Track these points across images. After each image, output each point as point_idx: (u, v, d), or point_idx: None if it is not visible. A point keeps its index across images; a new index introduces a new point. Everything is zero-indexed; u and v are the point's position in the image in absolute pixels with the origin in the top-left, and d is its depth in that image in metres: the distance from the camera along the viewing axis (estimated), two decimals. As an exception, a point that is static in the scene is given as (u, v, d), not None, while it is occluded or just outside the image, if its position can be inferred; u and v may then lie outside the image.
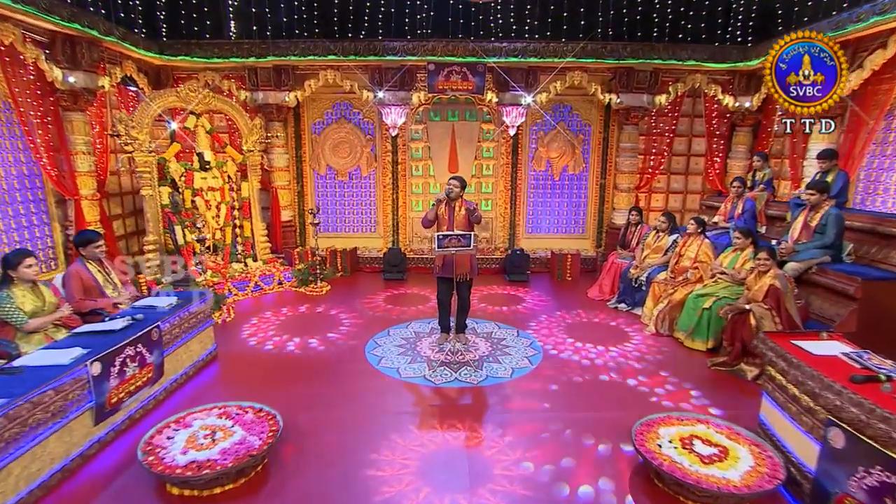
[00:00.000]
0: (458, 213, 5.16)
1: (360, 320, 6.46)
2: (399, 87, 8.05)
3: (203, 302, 5.17)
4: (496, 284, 8.13)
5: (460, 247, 4.98)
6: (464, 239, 4.97)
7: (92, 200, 6.69)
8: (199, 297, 5.13)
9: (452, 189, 5.11)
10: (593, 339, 5.91)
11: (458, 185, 5.17)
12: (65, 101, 6.29)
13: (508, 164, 8.84)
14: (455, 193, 5.14)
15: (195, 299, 5.04)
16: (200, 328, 5.11)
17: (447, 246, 4.98)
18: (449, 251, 5.00)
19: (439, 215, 5.12)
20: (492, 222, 9.17)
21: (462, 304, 5.43)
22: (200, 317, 5.11)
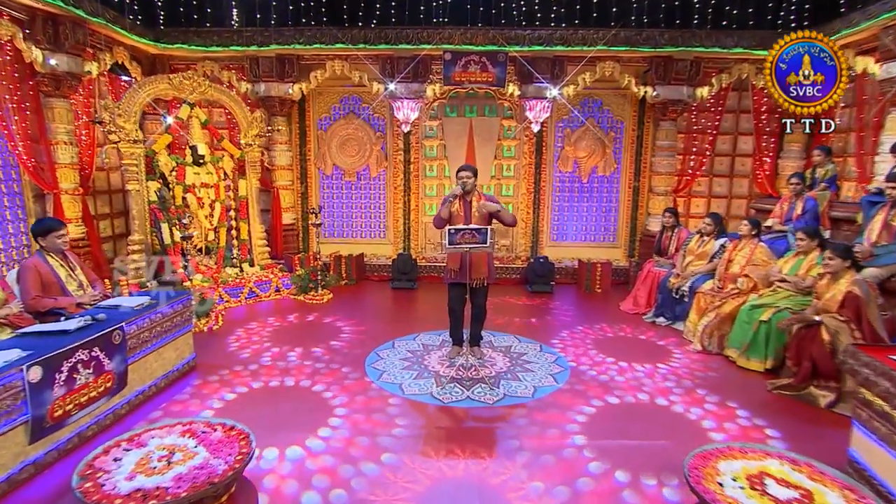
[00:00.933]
0: (476, 209, 4.67)
1: (362, 331, 6.00)
2: (412, 78, 7.69)
3: (181, 303, 4.72)
4: (516, 295, 7.63)
5: (475, 243, 4.45)
6: (479, 234, 4.44)
7: (73, 195, 6.38)
8: (176, 298, 4.67)
9: (466, 182, 4.63)
10: (628, 356, 5.30)
11: (471, 176, 4.70)
12: (45, 86, 6.01)
13: (531, 164, 8.41)
14: (470, 185, 4.66)
15: (170, 300, 4.58)
16: (177, 333, 4.65)
17: (460, 242, 4.45)
18: (462, 248, 4.48)
19: (453, 213, 4.66)
20: (513, 228, 8.63)
21: (477, 312, 4.95)
22: (177, 320, 4.66)
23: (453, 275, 4.76)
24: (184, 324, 4.78)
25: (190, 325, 4.88)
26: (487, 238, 4.45)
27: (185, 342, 4.80)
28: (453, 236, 4.46)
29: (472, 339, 5.05)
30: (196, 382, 4.61)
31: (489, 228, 4.45)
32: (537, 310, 6.93)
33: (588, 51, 7.39)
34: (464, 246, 4.47)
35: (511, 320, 6.43)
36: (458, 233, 4.45)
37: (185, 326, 4.81)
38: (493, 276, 4.91)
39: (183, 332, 4.76)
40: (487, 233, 4.45)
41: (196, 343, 5.20)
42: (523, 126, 8.20)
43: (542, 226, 8.61)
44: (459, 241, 4.46)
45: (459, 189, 4.62)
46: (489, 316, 5.20)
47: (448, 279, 4.84)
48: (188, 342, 4.85)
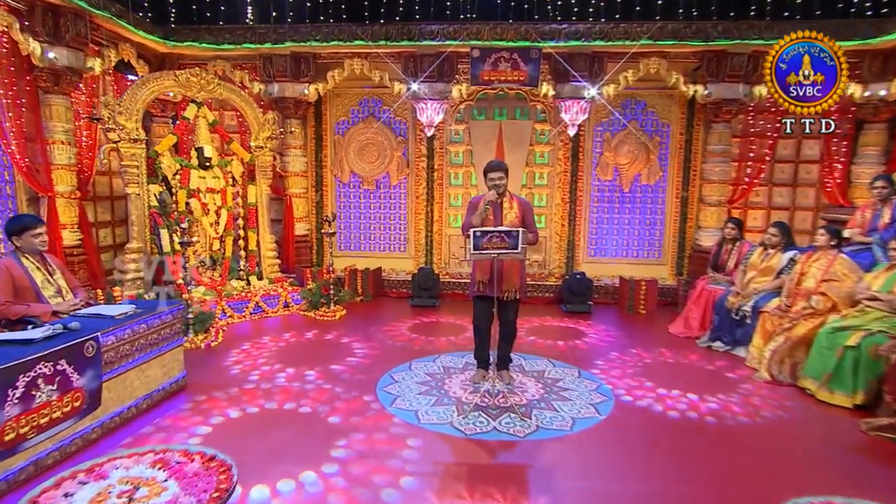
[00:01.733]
0: (509, 213, 4.30)
1: (376, 350, 5.61)
2: (437, 78, 7.42)
3: (170, 314, 4.37)
4: (550, 315, 7.16)
5: (505, 249, 4.00)
6: (510, 237, 3.99)
7: (69, 199, 6.18)
8: (166, 308, 4.31)
9: (499, 184, 4.27)
10: (683, 385, 4.74)
11: (503, 177, 4.33)
12: (44, 82, 5.85)
13: (567, 171, 8.04)
14: (503, 188, 4.32)
15: (158, 309, 4.23)
16: (164, 348, 4.30)
17: (487, 247, 4.01)
18: (489, 255, 4.02)
19: (484, 219, 4.26)
20: (546, 242, 8.26)
21: (506, 330, 4.53)
22: (165, 333, 4.30)
23: (481, 287, 4.38)
24: (173, 337, 4.42)
25: (181, 339, 4.53)
26: (519, 242, 4.00)
27: (175, 358, 4.44)
28: (479, 240, 4.03)
29: (499, 362, 4.63)
30: (185, 404, 4.25)
31: (521, 231, 3.99)
32: (574, 332, 6.47)
33: (631, 46, 6.99)
34: (491, 252, 4.03)
35: (544, 342, 5.98)
36: (486, 236, 4.02)
37: (175, 340, 4.46)
38: (525, 288, 4.54)
39: (172, 347, 4.40)
40: (519, 236, 3.99)
41: (190, 360, 4.98)
42: (558, 130, 7.88)
43: (578, 239, 8.19)
44: (486, 247, 4.03)
45: (494, 195, 4.24)
46: (519, 336, 4.76)
47: (474, 292, 4.47)
48: (178, 358, 4.49)
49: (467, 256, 4.09)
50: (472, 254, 4.07)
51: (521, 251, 4.03)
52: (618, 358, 5.48)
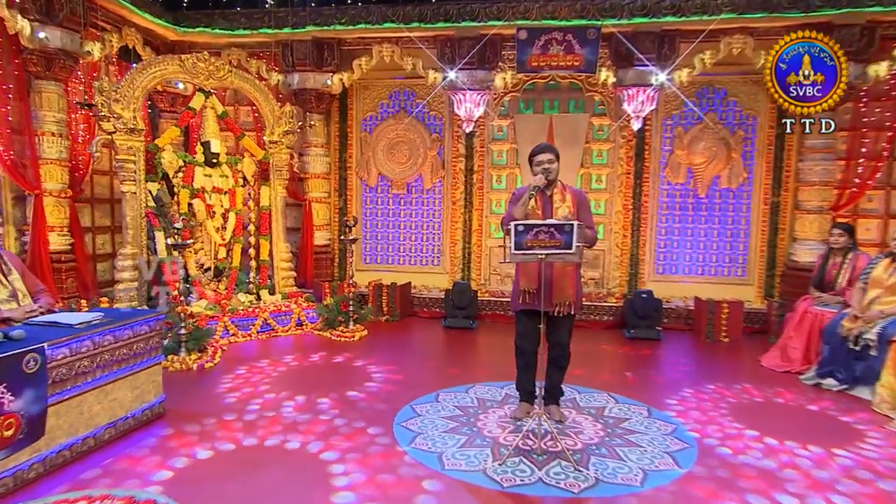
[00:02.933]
0: (561, 207, 3.79)
1: (397, 377, 5.07)
2: (477, 65, 7.05)
3: (147, 325, 3.91)
4: (610, 341, 6.51)
5: (556, 249, 3.39)
6: (562, 233, 3.37)
7: (59, 198, 5.96)
8: (141, 318, 3.85)
9: (549, 170, 3.78)
10: (789, 433, 3.97)
11: (553, 160, 3.83)
12: (34, 66, 5.67)
13: (630, 173, 7.49)
14: (554, 174, 3.82)
15: (131, 319, 3.77)
16: (137, 366, 3.83)
17: (532, 245, 3.40)
18: (535, 256, 3.41)
19: (528, 212, 3.74)
20: (604, 256, 7.65)
21: (557, 355, 3.98)
22: (139, 348, 3.84)
23: (526, 298, 3.85)
24: (149, 353, 3.95)
25: (159, 356, 4.05)
26: (573, 240, 3.36)
27: (150, 379, 3.96)
28: (522, 236, 3.43)
29: (548, 395, 4.04)
30: (162, 433, 3.79)
31: (575, 225, 3.35)
32: (640, 361, 5.79)
33: (709, 21, 6.40)
34: (538, 252, 3.40)
35: (604, 373, 5.33)
36: (531, 231, 3.41)
37: (152, 357, 3.99)
38: (581, 302, 3.97)
39: (147, 365, 3.92)
40: (573, 232, 3.35)
41: (176, 383, 4.66)
42: (620, 124, 7.34)
43: (643, 253, 7.57)
44: (532, 245, 3.42)
45: (542, 179, 3.72)
46: (573, 363, 4.15)
47: (517, 305, 3.93)
48: (155, 379, 4.01)
49: (506, 257, 3.49)
50: (512, 254, 3.48)
51: (577, 252, 3.39)
52: (699, 394, 4.75)
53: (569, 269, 3.77)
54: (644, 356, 5.92)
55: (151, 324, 3.97)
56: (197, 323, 5.36)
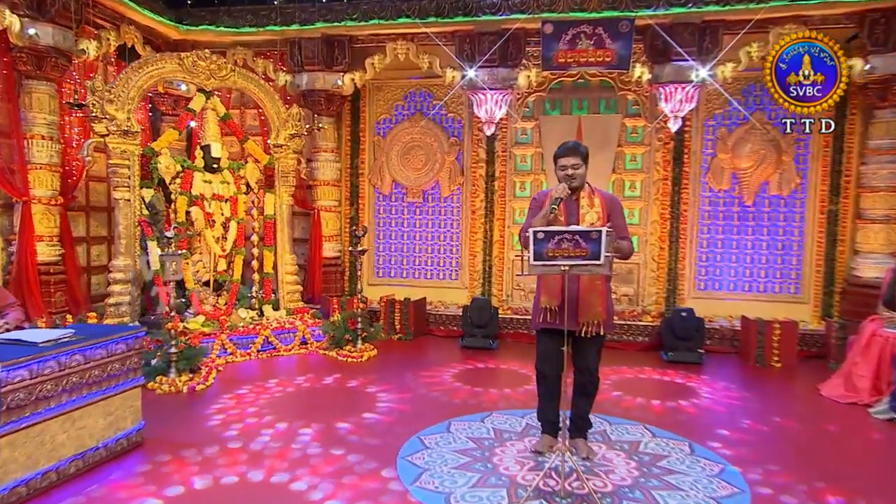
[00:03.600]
0: (589, 214, 3.52)
1: (405, 404, 4.80)
2: (499, 62, 6.87)
3: (124, 343, 3.69)
4: (645, 365, 6.17)
5: (581, 259, 3.08)
6: (588, 241, 3.05)
7: (49, 205, 5.84)
8: (116, 336, 3.63)
9: (574, 176, 3.49)
10: (861, 480, 3.50)
11: (579, 164, 3.52)
12: (24, 64, 5.58)
13: (667, 178, 7.21)
14: (580, 180, 3.52)
15: (105, 336, 3.54)
16: (111, 389, 3.60)
17: (555, 255, 3.09)
18: (557, 267, 3.10)
19: (551, 221, 3.43)
20: (639, 271, 7.33)
21: (584, 381, 3.70)
22: (114, 369, 3.62)
23: (547, 316, 3.58)
24: (126, 375, 3.71)
25: (138, 377, 3.82)
26: (602, 249, 3.04)
27: (127, 404, 3.72)
28: (542, 245, 3.12)
29: (573, 426, 3.75)
30: (136, 467, 3.53)
31: (604, 231, 3.04)
32: (680, 388, 5.42)
33: (756, 10, 6.11)
34: (561, 263, 3.09)
35: (638, 401, 4.96)
36: (552, 239, 3.10)
37: (130, 380, 3.75)
38: (611, 320, 3.67)
39: (124, 388, 3.69)
40: (602, 240, 3.03)
41: (162, 407, 4.49)
42: (656, 125, 7.06)
43: (682, 268, 7.24)
44: (554, 254, 3.10)
45: (565, 190, 3.42)
46: (602, 390, 3.90)
47: (538, 323, 3.66)
48: (132, 404, 3.77)
49: (524, 269, 3.17)
50: (531, 265, 3.17)
51: (606, 263, 3.07)
52: (750, 428, 4.34)
53: (597, 282, 3.47)
54: (684, 382, 5.54)
55: (129, 342, 3.73)
56: (189, 341, 5.14)
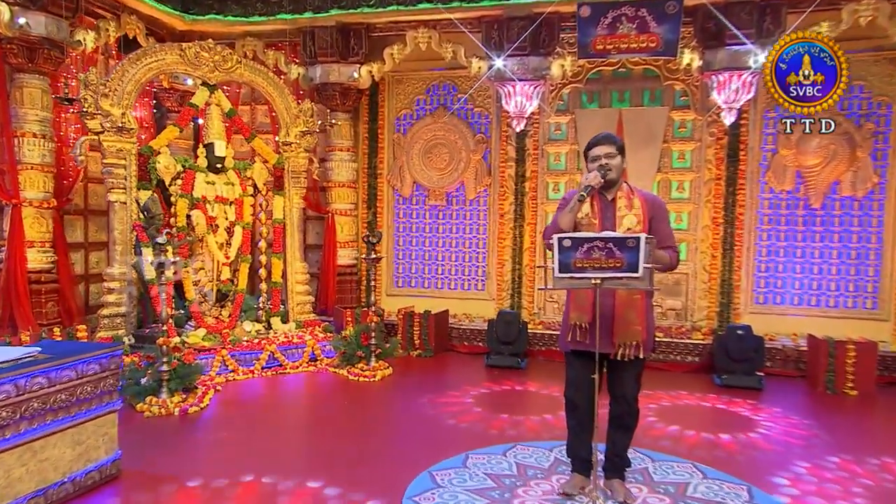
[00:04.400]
0: (627, 217, 3.20)
1: (418, 431, 4.57)
2: (530, 50, 6.70)
3: (97, 363, 3.46)
4: (694, 390, 5.83)
5: (616, 271, 2.76)
6: (624, 250, 2.76)
7: (41, 208, 5.78)
8: (89, 355, 3.41)
9: (608, 166, 3.18)
10: None
11: (614, 154, 3.23)
12: (14, 56, 5.54)
13: (720, 178, 6.94)
14: (616, 172, 3.21)
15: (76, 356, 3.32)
16: (82, 415, 3.38)
17: (584, 266, 2.78)
18: (586, 280, 2.79)
19: (581, 224, 3.20)
20: (688, 282, 7.06)
21: (621, 412, 3.41)
22: (85, 393, 3.39)
23: (578, 335, 3.27)
24: (100, 399, 3.48)
25: (114, 402, 3.58)
26: (640, 259, 2.71)
27: (101, 432, 3.49)
28: (570, 254, 2.82)
29: (609, 464, 3.48)
30: None
31: (643, 238, 2.70)
32: (735, 419, 5.05)
33: None
34: (590, 275, 2.77)
35: (685, 434, 4.60)
36: (581, 247, 2.80)
37: (105, 404, 3.52)
38: (652, 342, 3.33)
39: (95, 414, 3.46)
40: (640, 248, 2.70)
41: (149, 431, 4.35)
42: (707, 118, 6.84)
43: (738, 279, 6.95)
44: (583, 265, 2.80)
45: (597, 178, 3.11)
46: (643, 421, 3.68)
47: (567, 344, 3.37)
48: (107, 432, 3.54)
49: (547, 282, 2.85)
50: (556, 277, 2.88)
51: (645, 275, 2.72)
52: (820, 470, 3.96)
53: (636, 296, 3.14)
54: (740, 412, 5.17)
55: (104, 361, 3.49)
56: (183, 358, 4.92)
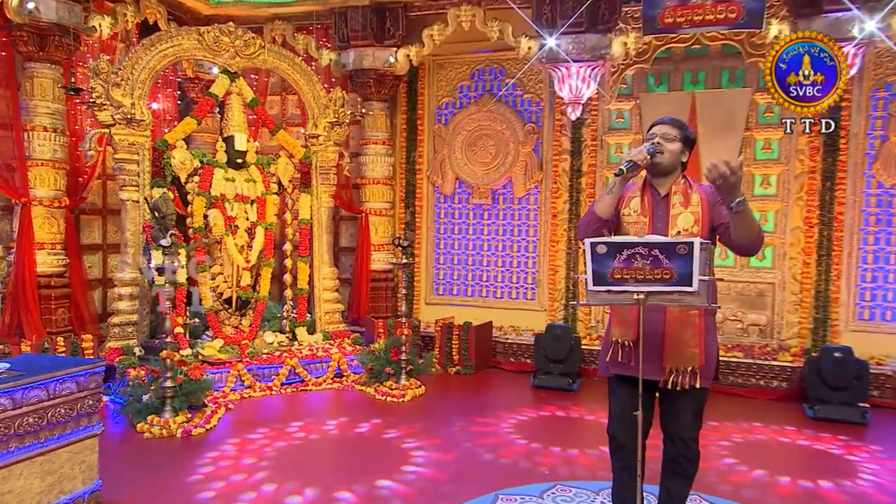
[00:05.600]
0: (683, 215, 2.88)
1: (443, 466, 4.28)
2: (587, 27, 6.39)
3: (73, 381, 3.30)
4: (779, 422, 5.39)
5: (664, 283, 2.40)
6: (672, 258, 2.43)
7: (52, 207, 5.79)
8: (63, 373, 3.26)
9: (661, 147, 2.87)
10: None
11: (674, 135, 2.92)
12: (24, 45, 5.56)
13: (815, 171, 6.56)
14: (669, 156, 2.89)
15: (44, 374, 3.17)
16: (52, 442, 3.23)
17: (623, 279, 2.46)
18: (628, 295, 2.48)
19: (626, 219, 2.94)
20: (775, 293, 6.67)
21: (677, 452, 3.03)
22: (58, 415, 3.24)
23: (621, 356, 2.94)
24: (77, 422, 3.33)
25: (93, 425, 3.42)
26: (695, 270, 2.34)
27: (77, 459, 3.35)
28: (606, 263, 2.53)
29: None
30: None
31: (697, 244, 2.32)
32: (831, 461, 4.60)
33: None
34: (632, 289, 2.43)
35: (766, 478, 4.16)
36: (620, 254, 2.49)
37: (82, 428, 3.36)
38: (714, 366, 2.95)
39: (71, 440, 3.31)
40: (694, 255, 2.32)
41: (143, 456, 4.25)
42: None
43: (836, 290, 6.54)
44: (622, 277, 2.49)
45: (642, 153, 2.79)
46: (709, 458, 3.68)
47: (607, 367, 3.04)
48: (85, 459, 3.38)
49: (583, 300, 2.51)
50: (590, 291, 2.57)
51: (702, 290, 2.33)
52: None
53: (693, 311, 2.77)
54: (838, 452, 4.69)
55: (81, 380, 3.33)
56: (189, 373, 4.78)
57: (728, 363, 6.12)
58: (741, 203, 2.57)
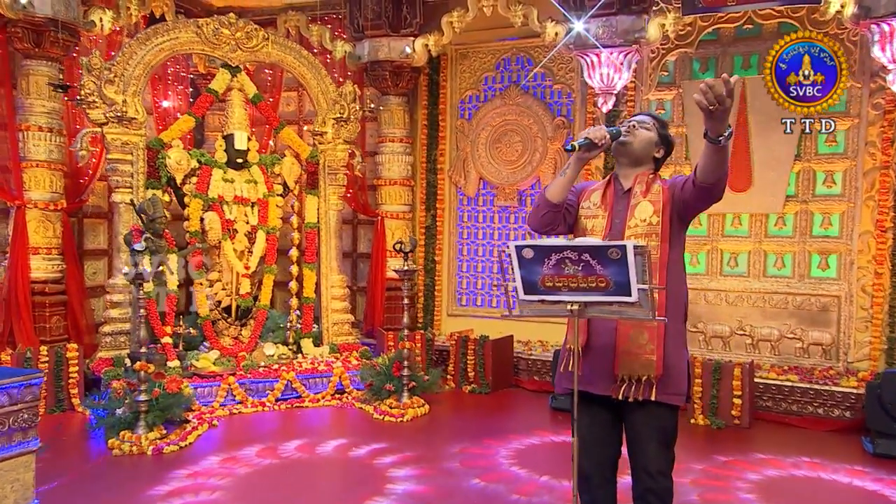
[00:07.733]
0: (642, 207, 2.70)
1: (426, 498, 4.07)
2: (619, 7, 6.18)
3: (6, 394, 3.27)
4: (834, 458, 4.87)
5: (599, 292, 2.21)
6: (606, 264, 2.21)
7: (48, 211, 5.83)
8: None
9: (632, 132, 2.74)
10: None
11: (650, 126, 2.77)
12: (20, 41, 5.61)
13: (887, 166, 6.06)
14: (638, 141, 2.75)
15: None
16: None
17: (555, 286, 2.29)
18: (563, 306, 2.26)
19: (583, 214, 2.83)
20: (840, 308, 6.12)
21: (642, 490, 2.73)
22: None
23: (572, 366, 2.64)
24: (10, 438, 3.27)
25: (29, 441, 3.35)
26: (632, 278, 2.12)
27: (9, 478, 3.28)
28: (535, 269, 2.35)
29: None
30: None
31: (630, 247, 2.08)
32: None
33: None
34: (565, 299, 2.24)
35: None
36: (549, 258, 2.25)
37: (16, 444, 3.30)
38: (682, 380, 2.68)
39: (3, 456, 3.23)
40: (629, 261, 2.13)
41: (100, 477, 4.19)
42: (869, 85, 6.12)
43: None
44: (553, 285, 2.26)
45: (601, 130, 2.64)
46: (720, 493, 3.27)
47: (562, 385, 2.83)
48: (18, 478, 3.31)
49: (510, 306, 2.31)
50: (520, 301, 2.44)
51: (643, 300, 2.05)
52: None
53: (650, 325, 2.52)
54: None
55: (15, 392, 3.27)
56: (166, 386, 4.73)
57: (781, 388, 5.64)
58: (729, 136, 2.36)
